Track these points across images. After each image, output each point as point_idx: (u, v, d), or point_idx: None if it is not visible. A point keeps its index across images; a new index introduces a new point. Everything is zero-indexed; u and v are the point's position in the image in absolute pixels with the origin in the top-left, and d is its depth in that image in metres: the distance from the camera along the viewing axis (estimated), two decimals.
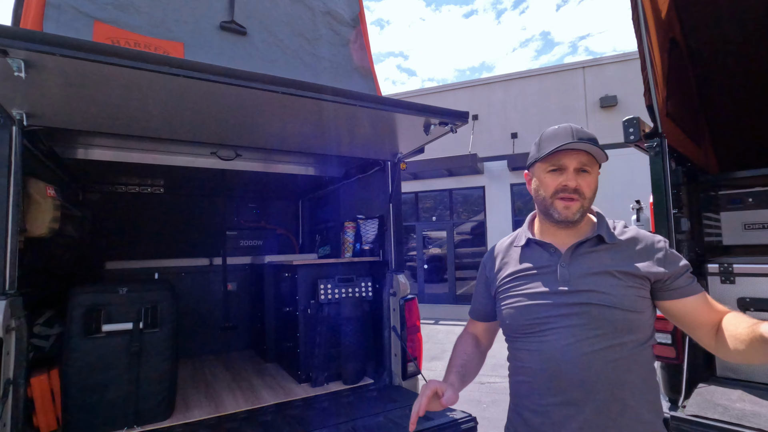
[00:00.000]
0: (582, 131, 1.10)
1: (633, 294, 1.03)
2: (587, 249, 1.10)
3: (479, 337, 1.30)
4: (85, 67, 1.41)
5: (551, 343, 1.03)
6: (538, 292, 1.08)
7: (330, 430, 1.88)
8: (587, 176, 1.08)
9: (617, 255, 1.08)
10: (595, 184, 1.11)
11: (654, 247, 1.08)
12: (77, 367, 1.93)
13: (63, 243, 2.38)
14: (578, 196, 1.07)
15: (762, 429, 1.73)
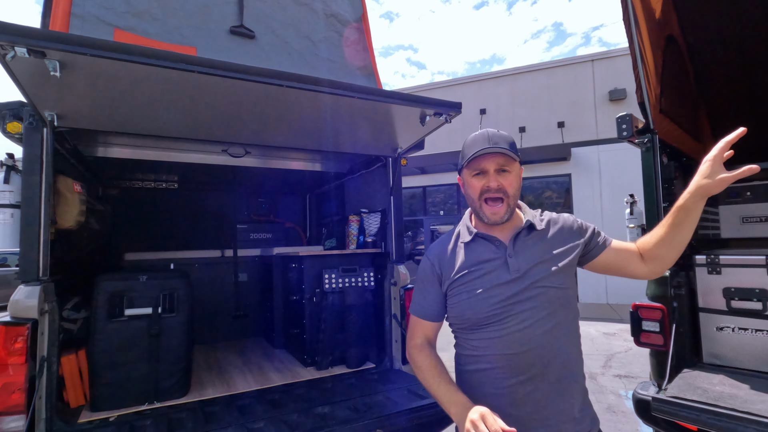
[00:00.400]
0: (497, 135, 1.24)
1: (564, 273, 1.21)
2: (524, 238, 1.25)
3: (431, 342, 1.33)
4: (111, 67, 1.57)
5: (511, 328, 1.16)
6: (494, 284, 1.19)
7: (331, 406, 2.04)
8: (508, 175, 1.22)
9: (549, 241, 1.26)
10: (517, 182, 1.25)
11: (570, 225, 1.30)
12: (102, 348, 2.12)
13: (88, 235, 2.58)
14: (503, 195, 1.20)
15: (734, 408, 1.84)
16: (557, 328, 1.16)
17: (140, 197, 3.78)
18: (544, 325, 1.15)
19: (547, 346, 1.14)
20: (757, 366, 2.32)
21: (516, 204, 1.27)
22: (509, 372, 1.17)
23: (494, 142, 1.20)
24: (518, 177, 1.26)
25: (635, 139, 2.75)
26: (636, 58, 2.61)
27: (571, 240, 1.27)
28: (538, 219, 1.30)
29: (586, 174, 10.95)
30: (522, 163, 1.27)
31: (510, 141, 1.24)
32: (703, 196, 1.19)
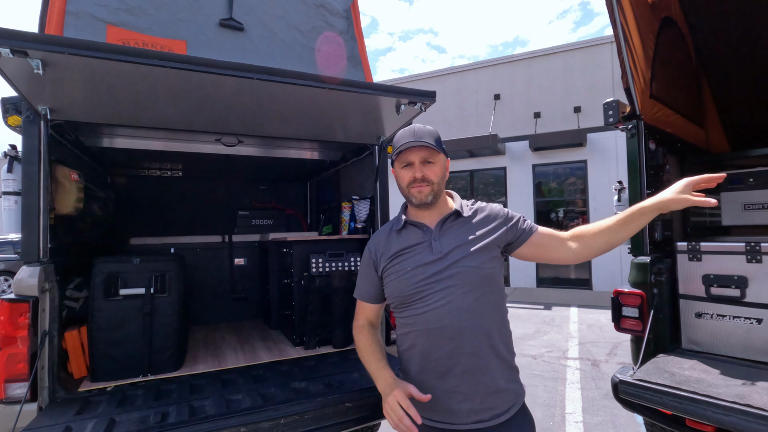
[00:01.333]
0: (422, 130, 1.36)
1: (485, 256, 1.28)
2: (450, 223, 1.37)
3: (372, 323, 1.48)
4: (95, 65, 1.69)
5: (433, 304, 1.27)
6: (418, 264, 1.31)
7: (308, 382, 2.17)
8: (432, 166, 1.35)
9: (473, 226, 1.36)
10: (441, 171, 1.37)
11: (497, 213, 1.39)
12: (100, 324, 2.30)
13: (89, 220, 2.76)
14: (427, 183, 1.34)
15: (695, 392, 1.88)
16: (476, 305, 1.25)
17: (146, 185, 3.98)
18: (462, 302, 1.24)
19: (465, 321, 1.23)
20: (733, 352, 2.32)
21: (440, 190, 1.38)
22: (432, 346, 1.26)
23: (419, 137, 1.33)
24: (442, 167, 1.38)
25: (621, 125, 2.73)
26: (620, 43, 2.58)
27: (493, 224, 1.35)
28: (467, 207, 1.41)
29: (602, 160, 10.70)
30: (536, 149, 1.38)
31: (435, 136, 1.37)
32: (662, 209, 1.26)
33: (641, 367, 2.24)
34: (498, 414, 1.26)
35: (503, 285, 1.37)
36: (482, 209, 1.42)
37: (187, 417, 1.77)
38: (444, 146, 1.40)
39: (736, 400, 1.77)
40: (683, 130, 3.31)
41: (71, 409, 1.90)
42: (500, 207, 1.43)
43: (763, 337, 2.22)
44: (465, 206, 1.41)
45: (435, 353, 1.26)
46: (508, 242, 1.37)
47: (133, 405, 1.96)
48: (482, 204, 1.45)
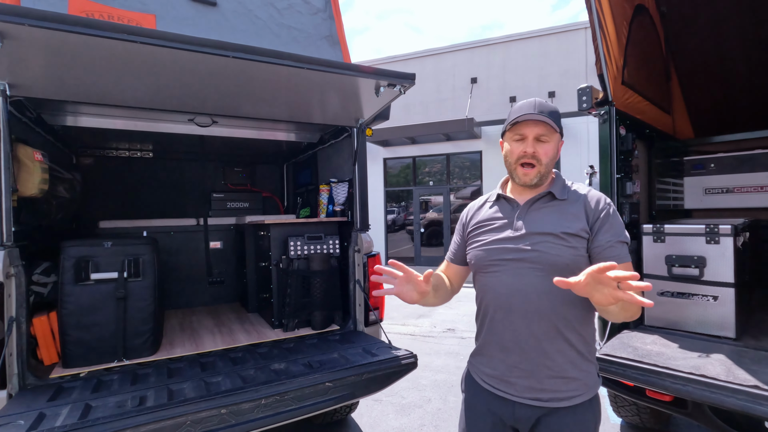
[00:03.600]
0: (544, 105, 1.28)
1: (569, 252, 1.22)
2: (542, 204, 1.30)
3: (449, 277, 1.50)
4: (57, 38, 1.60)
5: (505, 280, 1.27)
6: (497, 237, 1.30)
7: (288, 363, 2.19)
8: (545, 145, 1.27)
9: (564, 211, 1.27)
10: (553, 152, 1.29)
11: (594, 205, 1.26)
12: (71, 309, 2.24)
13: (55, 202, 2.65)
14: (536, 162, 1.27)
15: (656, 364, 2.00)
16: (551, 290, 1.15)
17: (114, 166, 3.83)
18: (535, 284, 1.22)
19: (535, 303, 1.22)
20: (691, 327, 2.48)
21: (548, 172, 1.31)
22: (498, 320, 1.28)
23: (540, 111, 1.26)
24: (555, 147, 1.30)
25: (593, 111, 2.80)
26: (595, 29, 2.62)
27: (586, 221, 1.25)
28: (564, 189, 1.32)
29: (575, 145, 10.96)
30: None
31: (556, 113, 1.30)
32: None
33: (607, 342, 2.36)
34: (559, 398, 1.23)
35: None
36: (584, 197, 1.29)
37: (166, 400, 1.77)
38: (560, 125, 1.30)
39: (692, 371, 1.90)
40: (652, 117, 3.43)
41: (43, 396, 1.86)
42: (604, 200, 1.28)
43: (718, 313, 2.38)
44: (564, 188, 1.32)
45: (500, 327, 1.27)
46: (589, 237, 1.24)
47: (109, 390, 1.94)
48: (591, 191, 1.32)
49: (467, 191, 12.59)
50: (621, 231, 1.24)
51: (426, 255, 12.80)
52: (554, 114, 1.28)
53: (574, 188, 1.33)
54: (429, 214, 13.10)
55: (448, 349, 5.16)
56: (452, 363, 4.66)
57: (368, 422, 3.33)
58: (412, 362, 2.25)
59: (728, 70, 4.10)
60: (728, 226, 2.36)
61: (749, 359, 2.04)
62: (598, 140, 2.78)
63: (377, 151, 12.97)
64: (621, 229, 1.24)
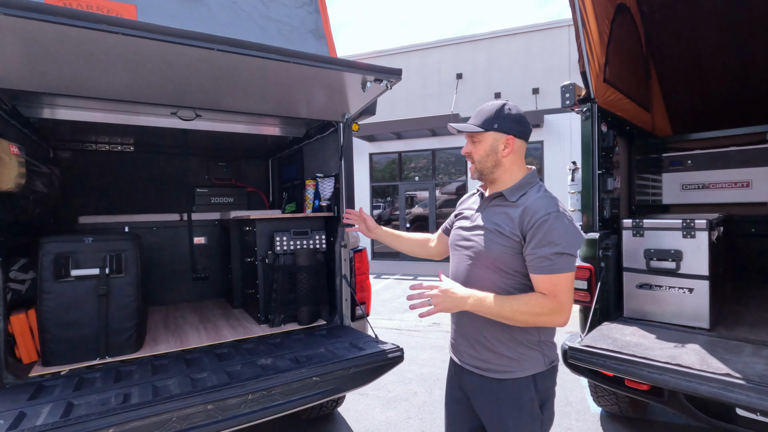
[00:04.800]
0: (482, 110, 1.43)
1: (497, 248, 1.37)
2: (496, 203, 1.45)
3: (433, 239, 1.80)
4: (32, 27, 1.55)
5: (455, 263, 1.52)
6: (461, 225, 1.53)
7: (275, 358, 2.19)
8: (477, 145, 1.43)
9: (506, 213, 1.39)
10: (484, 150, 1.42)
11: (534, 214, 1.31)
12: (51, 307, 2.19)
13: (33, 197, 2.57)
14: (472, 160, 1.46)
15: (634, 354, 2.07)
16: (482, 279, 1.39)
17: (94, 160, 3.74)
18: (470, 271, 1.44)
19: (466, 283, 1.41)
20: (668, 319, 2.56)
21: (485, 167, 1.44)
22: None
23: (474, 116, 1.44)
24: (488, 146, 1.41)
25: (576, 108, 2.85)
26: (578, 27, 2.67)
27: (518, 225, 1.34)
28: (517, 194, 1.40)
29: (558, 141, 11.13)
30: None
31: (486, 113, 1.41)
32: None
33: (588, 334, 2.43)
34: (493, 370, 1.40)
35: (527, 277, 1.35)
36: (527, 207, 1.34)
37: (151, 397, 1.75)
38: (501, 123, 1.38)
39: (669, 361, 1.97)
40: (632, 114, 3.51)
41: (23, 395, 1.82)
42: (545, 211, 1.30)
43: (693, 305, 2.46)
44: (516, 192, 1.40)
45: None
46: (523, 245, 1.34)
47: (91, 388, 1.91)
48: (538, 201, 1.34)
49: (453, 186, 12.67)
50: (546, 242, 1.27)
51: None
52: (487, 115, 1.40)
53: (532, 195, 1.38)
54: (415, 209, 13.15)
55: (433, 343, 5.22)
56: (438, 356, 4.72)
57: (355, 416, 3.36)
58: (398, 356, 2.28)
59: (705, 69, 4.21)
60: (703, 221, 2.44)
61: (722, 348, 2.12)
62: (581, 136, 2.84)
63: (363, 146, 12.94)
64: (547, 240, 1.27)
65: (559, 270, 1.27)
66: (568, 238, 1.28)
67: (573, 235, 1.30)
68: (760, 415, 1.82)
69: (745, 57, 3.97)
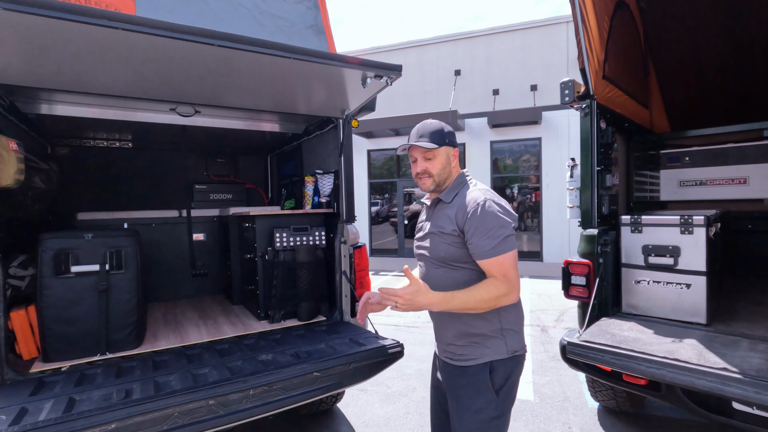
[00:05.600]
0: (425, 128, 1.56)
1: (445, 248, 1.52)
2: (438, 208, 1.61)
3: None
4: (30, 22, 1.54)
5: (420, 268, 1.67)
6: (417, 237, 1.70)
7: (275, 354, 2.20)
8: (431, 161, 1.55)
9: (445, 212, 1.54)
10: (441, 164, 1.55)
11: (465, 209, 1.47)
12: (51, 303, 2.19)
13: (32, 194, 2.56)
14: (428, 174, 1.56)
15: (632, 349, 2.09)
16: (440, 278, 1.55)
17: (92, 156, 3.72)
18: (429, 272, 1.60)
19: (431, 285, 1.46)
20: (666, 314, 2.58)
21: (443, 178, 1.58)
22: None
23: (420, 136, 1.54)
24: (442, 160, 1.55)
25: (575, 104, 2.86)
26: (578, 24, 2.67)
27: (455, 218, 1.51)
28: (451, 195, 1.57)
29: (556, 138, 11.14)
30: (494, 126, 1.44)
31: (434, 132, 1.54)
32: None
33: (586, 329, 2.45)
34: (457, 359, 1.55)
35: (475, 265, 1.48)
36: (460, 203, 1.51)
37: (153, 392, 1.76)
38: (448, 138, 1.54)
39: (666, 356, 1.99)
40: (631, 111, 3.52)
41: (24, 390, 1.82)
42: (474, 203, 1.47)
43: (691, 300, 2.48)
44: (451, 193, 1.57)
45: None
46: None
47: (93, 383, 1.91)
48: (470, 195, 1.51)
49: None
50: (482, 230, 1.42)
51: (409, 246, 12.86)
52: (435, 133, 1.53)
53: (462, 192, 1.54)
54: (413, 206, 13.15)
55: (431, 339, 5.24)
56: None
57: (354, 411, 3.37)
58: (398, 351, 2.29)
59: (704, 65, 4.22)
60: (701, 217, 2.46)
61: (719, 343, 2.14)
62: (579, 133, 2.85)
63: (361, 142, 12.92)
64: (482, 228, 1.42)
65: (501, 251, 1.41)
66: (499, 220, 1.43)
67: (504, 215, 1.44)
68: (756, 409, 1.84)
69: (744, 54, 3.98)
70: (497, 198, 1.52)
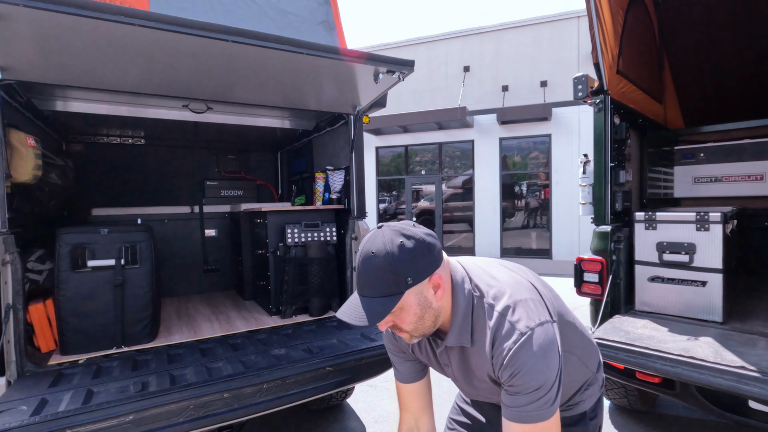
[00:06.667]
0: (364, 273, 1.00)
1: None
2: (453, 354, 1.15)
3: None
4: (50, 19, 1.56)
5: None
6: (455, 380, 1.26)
7: (288, 349, 2.21)
8: (400, 314, 1.03)
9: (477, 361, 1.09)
10: (414, 314, 1.03)
11: (500, 357, 1.00)
12: (68, 296, 2.23)
13: (48, 189, 2.61)
14: (400, 330, 1.07)
15: (647, 347, 2.07)
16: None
17: (106, 153, 3.77)
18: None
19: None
20: (680, 312, 2.55)
21: (425, 326, 1.06)
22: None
23: (362, 288, 1.02)
24: (413, 309, 1.03)
25: (589, 100, 2.83)
26: (592, 18, 2.63)
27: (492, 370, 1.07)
28: (464, 335, 1.08)
29: (566, 134, 11.03)
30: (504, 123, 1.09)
31: (379, 279, 0.99)
32: None
33: (600, 327, 2.43)
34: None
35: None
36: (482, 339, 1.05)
37: (168, 385, 1.78)
38: (410, 275, 0.98)
39: (682, 354, 1.97)
40: (645, 107, 3.47)
41: (44, 382, 1.86)
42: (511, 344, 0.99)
43: (706, 298, 2.45)
44: (464, 334, 1.06)
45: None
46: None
47: (110, 376, 1.94)
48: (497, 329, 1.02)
49: (459, 180, 12.63)
50: (529, 379, 0.96)
51: None
52: (382, 280, 0.98)
53: (480, 324, 1.05)
54: (421, 203, 13.14)
55: None
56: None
57: (363, 407, 3.39)
58: None
59: (719, 60, 4.15)
60: (718, 214, 2.42)
61: (735, 342, 2.12)
62: (592, 129, 2.82)
63: (369, 139, 12.91)
64: (532, 376, 0.96)
65: (531, 419, 0.97)
66: (540, 369, 0.96)
67: (545, 359, 0.97)
68: None
69: (760, 47, 3.90)
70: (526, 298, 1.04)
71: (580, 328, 1.24)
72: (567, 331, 1.16)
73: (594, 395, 1.30)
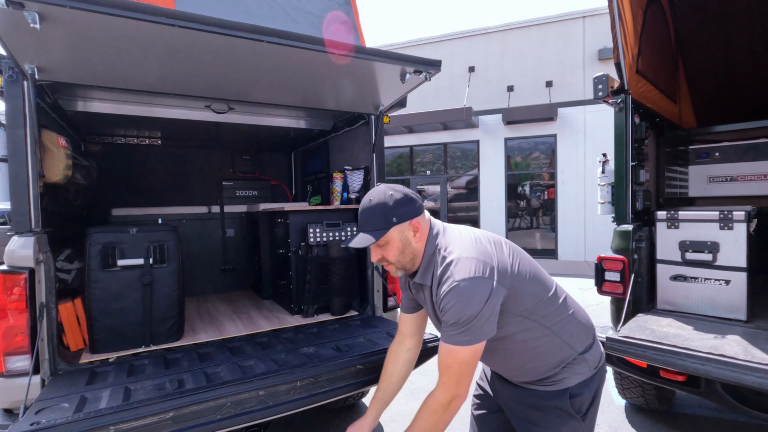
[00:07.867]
0: (362, 214, 1.37)
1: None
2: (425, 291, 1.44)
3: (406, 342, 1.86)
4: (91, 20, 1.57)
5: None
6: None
7: (316, 347, 2.23)
8: (386, 247, 1.38)
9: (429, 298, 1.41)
10: (396, 249, 1.37)
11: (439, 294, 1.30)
12: (98, 295, 2.24)
13: (75, 189, 2.63)
14: (387, 262, 1.41)
15: (675, 345, 2.08)
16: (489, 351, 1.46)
17: (124, 153, 3.79)
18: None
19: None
20: (704, 311, 2.56)
21: (407, 260, 1.40)
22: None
23: (360, 225, 1.38)
24: (396, 244, 1.36)
25: (609, 99, 2.84)
26: (614, 18, 2.65)
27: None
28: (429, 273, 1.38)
29: (572, 134, 11.04)
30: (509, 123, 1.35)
31: (373, 217, 1.35)
32: None
33: (624, 325, 2.44)
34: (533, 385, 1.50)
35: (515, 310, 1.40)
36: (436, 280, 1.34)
37: (204, 383, 1.79)
38: (395, 215, 1.33)
39: (711, 351, 1.98)
40: (662, 106, 3.49)
41: (80, 380, 1.87)
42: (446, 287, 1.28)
43: (730, 296, 2.46)
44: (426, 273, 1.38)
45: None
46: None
47: (143, 374, 1.96)
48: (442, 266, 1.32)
49: (463, 180, 12.63)
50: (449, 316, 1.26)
51: None
52: (376, 218, 1.34)
53: (437, 271, 1.34)
54: (425, 203, 13.15)
55: None
56: None
57: None
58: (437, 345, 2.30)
59: (733, 60, 4.16)
60: (742, 213, 2.43)
61: (763, 339, 2.13)
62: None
63: None
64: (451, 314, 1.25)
65: (452, 341, 1.29)
66: (455, 313, 1.25)
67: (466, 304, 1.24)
68: None
69: None
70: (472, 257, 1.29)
71: (557, 308, 1.41)
72: (530, 302, 1.37)
73: (580, 374, 1.41)
